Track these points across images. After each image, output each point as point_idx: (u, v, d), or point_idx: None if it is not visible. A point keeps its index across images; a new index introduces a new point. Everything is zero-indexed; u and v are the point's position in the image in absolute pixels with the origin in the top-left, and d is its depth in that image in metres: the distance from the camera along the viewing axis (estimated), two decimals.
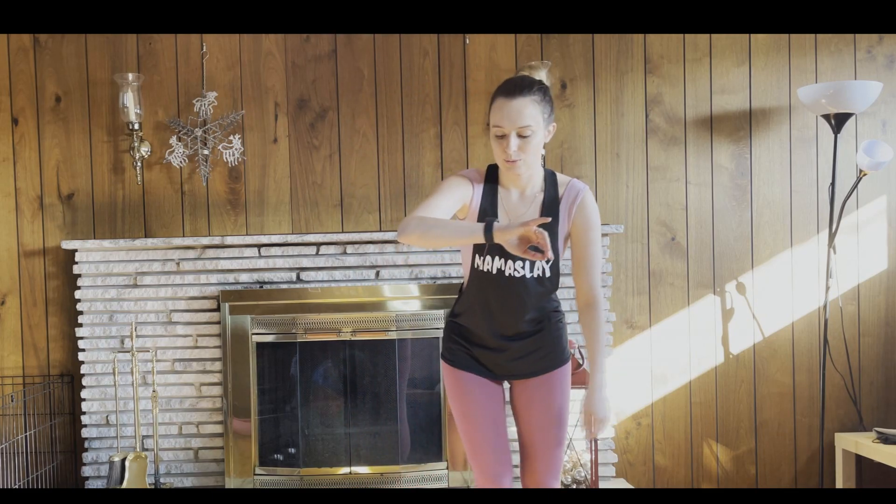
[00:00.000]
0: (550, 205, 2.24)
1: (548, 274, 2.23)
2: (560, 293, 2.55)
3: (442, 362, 2.39)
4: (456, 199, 2.21)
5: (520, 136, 2.14)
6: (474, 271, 2.26)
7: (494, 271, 2.22)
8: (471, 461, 2.32)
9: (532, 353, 2.30)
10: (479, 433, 2.29)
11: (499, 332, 2.27)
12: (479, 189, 2.25)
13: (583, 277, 2.26)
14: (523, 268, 2.21)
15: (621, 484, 3.54)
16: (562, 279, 2.38)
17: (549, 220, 1.99)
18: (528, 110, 2.13)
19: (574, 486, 3.32)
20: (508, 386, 2.41)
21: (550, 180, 2.26)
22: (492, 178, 2.27)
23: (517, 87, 2.15)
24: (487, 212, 2.23)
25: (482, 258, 2.22)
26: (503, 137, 2.15)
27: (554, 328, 2.32)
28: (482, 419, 2.29)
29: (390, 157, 3.63)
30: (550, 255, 1.94)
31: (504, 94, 2.16)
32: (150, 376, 3.54)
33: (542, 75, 2.28)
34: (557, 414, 2.30)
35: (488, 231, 1.98)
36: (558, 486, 2.35)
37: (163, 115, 3.63)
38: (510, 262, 2.21)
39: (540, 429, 2.31)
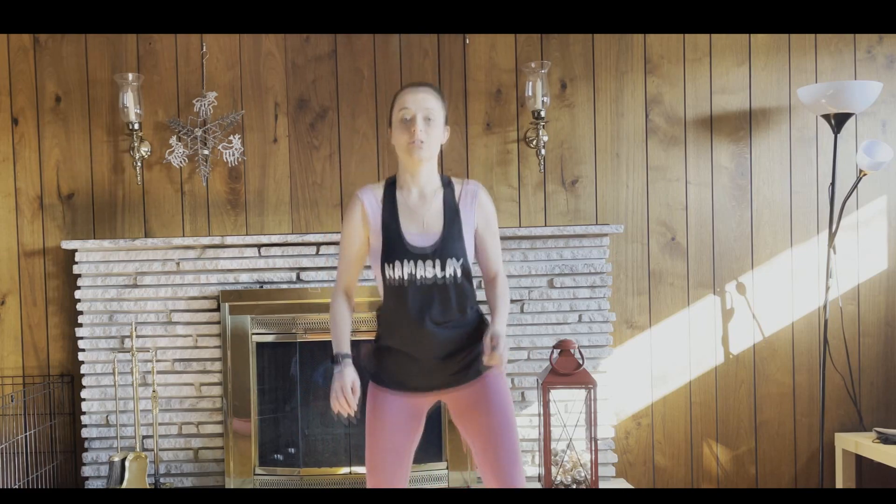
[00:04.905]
0: (451, 203, 2.31)
1: (459, 273, 2.26)
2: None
3: (370, 382, 2.37)
4: (358, 244, 2.33)
5: (426, 119, 2.24)
6: (387, 285, 2.28)
7: (406, 277, 2.24)
8: (367, 472, 2.36)
9: (468, 363, 2.29)
10: (379, 457, 2.32)
11: (427, 344, 2.26)
12: (377, 204, 2.31)
13: (490, 260, 2.37)
14: (434, 267, 2.24)
15: (621, 484, 3.54)
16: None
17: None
18: (433, 101, 2.27)
19: (574, 486, 3.32)
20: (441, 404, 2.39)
21: (447, 181, 2.36)
22: (391, 188, 2.34)
23: (421, 83, 2.33)
24: (389, 223, 2.28)
25: (391, 266, 2.25)
26: (410, 120, 2.24)
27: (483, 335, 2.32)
28: (387, 444, 2.32)
29: (390, 157, 3.63)
30: (350, 415, 2.21)
31: (410, 87, 2.30)
32: (149, 376, 3.54)
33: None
34: (508, 409, 2.30)
35: (332, 363, 2.27)
36: (524, 480, 2.33)
37: (163, 115, 3.63)
38: (420, 264, 2.24)
39: (492, 430, 2.29)
